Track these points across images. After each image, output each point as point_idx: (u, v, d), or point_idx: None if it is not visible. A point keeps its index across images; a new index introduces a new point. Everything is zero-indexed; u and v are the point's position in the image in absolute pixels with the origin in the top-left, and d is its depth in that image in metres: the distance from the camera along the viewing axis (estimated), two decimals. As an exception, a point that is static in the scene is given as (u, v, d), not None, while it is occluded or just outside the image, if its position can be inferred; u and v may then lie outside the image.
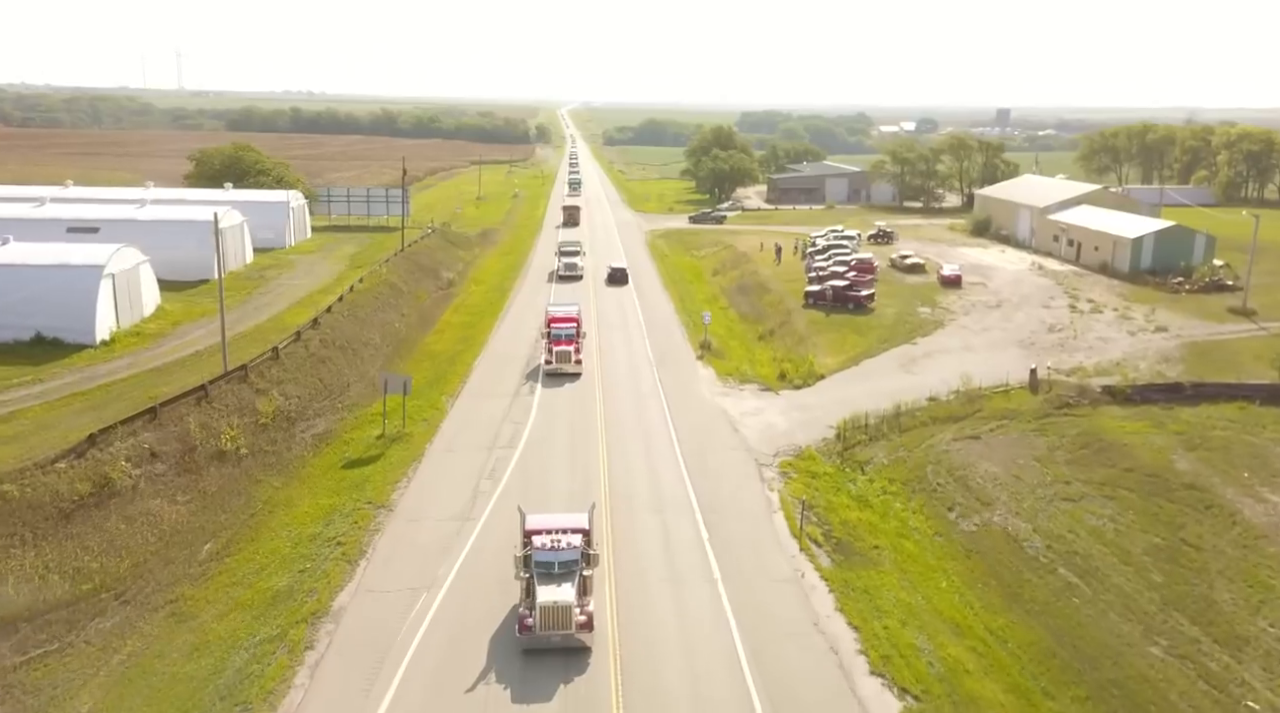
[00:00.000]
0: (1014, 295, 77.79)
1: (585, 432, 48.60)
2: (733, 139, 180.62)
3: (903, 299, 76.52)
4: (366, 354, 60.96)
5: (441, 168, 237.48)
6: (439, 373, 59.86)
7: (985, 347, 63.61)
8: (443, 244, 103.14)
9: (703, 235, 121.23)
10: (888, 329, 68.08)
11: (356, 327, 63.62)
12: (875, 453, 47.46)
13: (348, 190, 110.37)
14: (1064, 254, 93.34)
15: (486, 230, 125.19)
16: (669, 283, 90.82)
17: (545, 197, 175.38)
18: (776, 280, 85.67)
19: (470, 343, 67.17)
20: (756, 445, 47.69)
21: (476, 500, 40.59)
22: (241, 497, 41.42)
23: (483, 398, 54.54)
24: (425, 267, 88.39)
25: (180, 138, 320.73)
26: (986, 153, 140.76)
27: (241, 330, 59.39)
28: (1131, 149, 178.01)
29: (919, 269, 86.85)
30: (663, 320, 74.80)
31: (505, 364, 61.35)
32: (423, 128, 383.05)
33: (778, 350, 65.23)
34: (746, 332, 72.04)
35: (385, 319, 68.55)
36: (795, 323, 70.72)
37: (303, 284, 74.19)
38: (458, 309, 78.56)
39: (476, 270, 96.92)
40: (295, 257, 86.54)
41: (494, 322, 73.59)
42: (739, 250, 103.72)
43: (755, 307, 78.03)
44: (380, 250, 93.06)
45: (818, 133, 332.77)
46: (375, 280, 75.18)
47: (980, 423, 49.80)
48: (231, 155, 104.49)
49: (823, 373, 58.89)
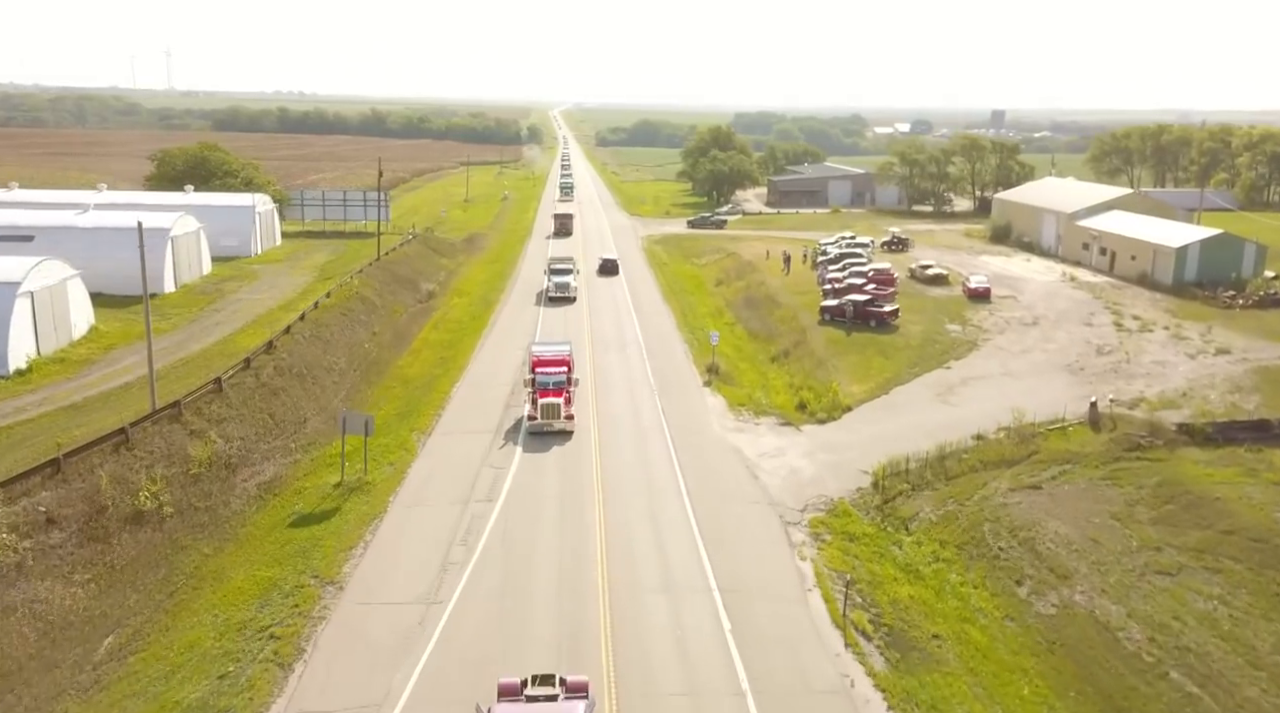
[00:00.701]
0: (1050, 311, 70.69)
1: (577, 481, 41.33)
2: (731, 139, 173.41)
3: (928, 315, 69.39)
4: (329, 382, 53.56)
5: (429, 169, 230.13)
6: (411, 403, 52.55)
7: (1028, 372, 56.50)
8: (424, 251, 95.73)
9: (702, 241, 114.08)
10: (916, 351, 60.93)
11: (319, 349, 56.23)
12: (920, 506, 40.26)
13: (323, 193, 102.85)
14: (1096, 264, 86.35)
15: (473, 236, 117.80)
16: (669, 295, 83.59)
17: (536, 199, 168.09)
18: (787, 292, 78.49)
19: (449, 365, 59.85)
20: (780, 497, 40.47)
21: (445, 576, 33.28)
22: (160, 570, 34.08)
23: (460, 435, 47.21)
24: (403, 277, 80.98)
25: (164, 138, 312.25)
26: (1000, 154, 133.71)
27: (185, 356, 51.97)
28: (1145, 151, 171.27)
29: (942, 280, 79.73)
30: (664, 338, 67.56)
31: (487, 391, 54.06)
32: (412, 128, 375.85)
33: (794, 375, 58.05)
34: (757, 352, 64.84)
35: (354, 339, 61.16)
36: (812, 342, 63.53)
37: (263, 299, 66.72)
38: (437, 325, 71.19)
39: (460, 280, 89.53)
40: (260, 266, 79.03)
41: (476, 340, 66.26)
42: (743, 258, 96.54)
43: (765, 323, 70.82)
44: (355, 259, 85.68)
45: (813, 134, 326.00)
46: (345, 294, 67.80)
47: (1038, 468, 42.67)
48: (196, 156, 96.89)
49: (849, 404, 51.67)
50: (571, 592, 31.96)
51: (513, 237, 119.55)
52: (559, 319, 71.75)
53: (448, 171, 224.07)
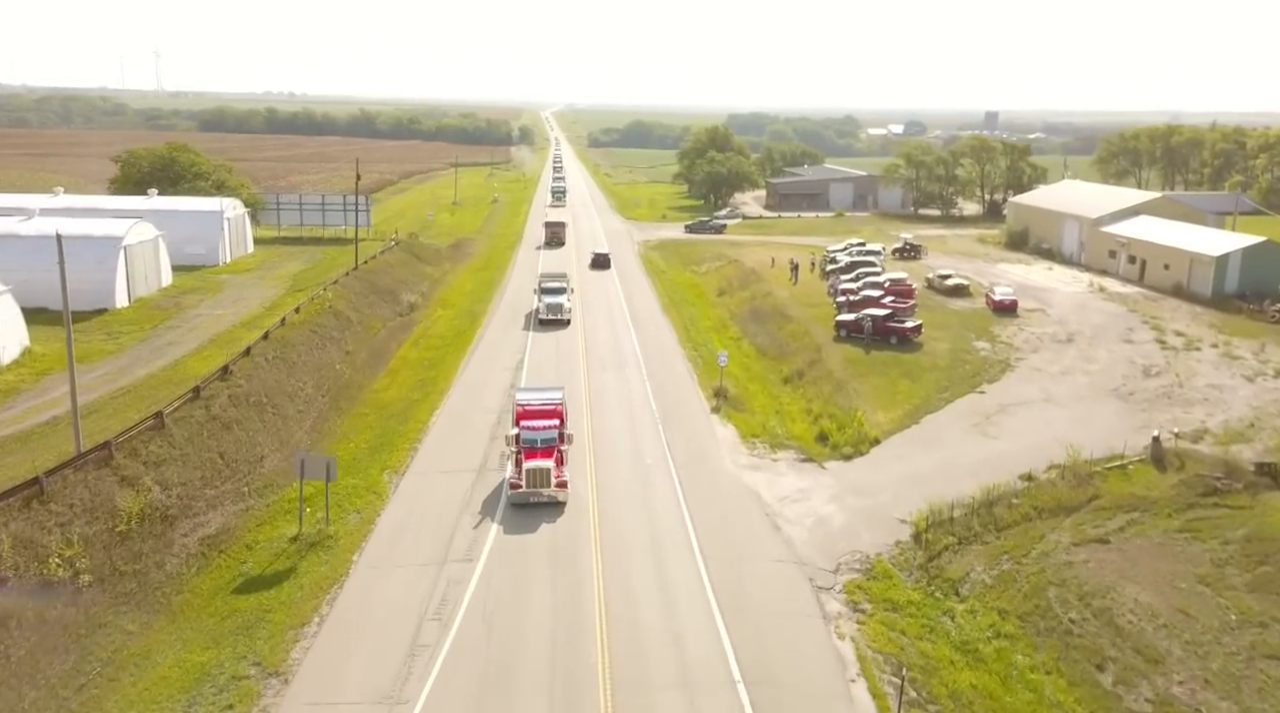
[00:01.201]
0: (1084, 326, 65.22)
1: (571, 535, 35.65)
2: (729, 140, 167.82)
3: (952, 331, 63.89)
4: (293, 411, 47.77)
5: (418, 170, 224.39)
6: (385, 435, 46.79)
7: (1072, 397, 51.00)
8: (407, 259, 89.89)
9: (702, 247, 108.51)
10: (944, 372, 55.38)
11: (283, 373, 50.42)
12: (971, 564, 34.65)
13: (300, 197, 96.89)
14: (1124, 273, 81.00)
15: (460, 241, 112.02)
16: (669, 306, 77.96)
17: (527, 202, 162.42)
18: (796, 304, 72.92)
19: (429, 389, 54.12)
20: (808, 554, 34.84)
21: (414, 664, 27.59)
22: (69, 656, 28.28)
23: (437, 476, 41.48)
24: (382, 288, 75.15)
25: (148, 138, 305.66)
26: (1011, 156, 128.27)
27: (128, 383, 46.09)
28: (1155, 152, 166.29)
29: (963, 292, 74.23)
30: (665, 355, 61.93)
31: (470, 421, 48.36)
32: (402, 129, 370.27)
33: (811, 399, 52.46)
34: (768, 372, 59.22)
35: (324, 359, 55.37)
36: (828, 361, 57.94)
37: (226, 314, 60.83)
38: (418, 341, 65.41)
39: (445, 290, 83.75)
40: (227, 276, 73.11)
41: (460, 358, 60.53)
42: (746, 266, 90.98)
43: (775, 339, 65.20)
44: (332, 267, 79.87)
45: (806, 135, 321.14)
46: (317, 308, 61.98)
47: (1102, 517, 37.13)
48: (164, 157, 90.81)
49: (876, 435, 46.05)
50: (566, 688, 26.30)
51: (502, 242, 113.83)
52: (550, 335, 66.04)
53: (437, 173, 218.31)
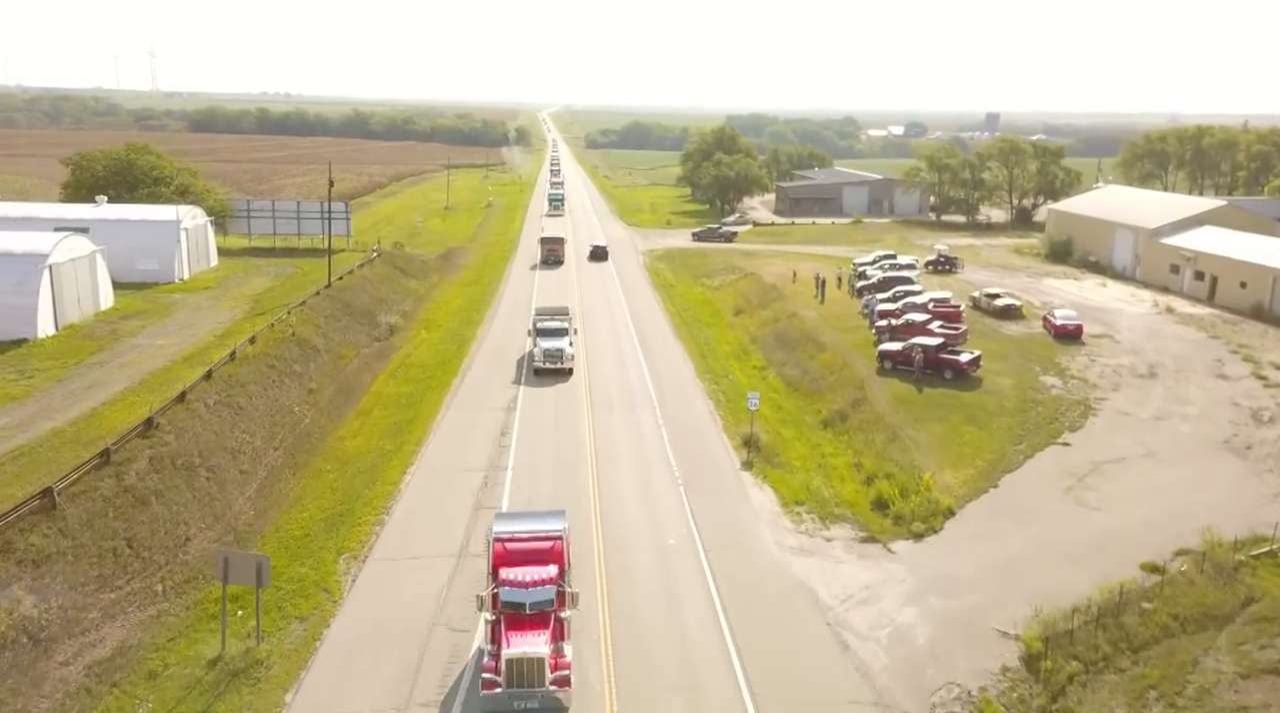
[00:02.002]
0: (1163, 356, 56.72)
1: (577, 665, 27.01)
2: (736, 142, 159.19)
3: (1011, 362, 55.37)
4: (234, 472, 39.15)
5: (410, 173, 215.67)
6: (347, 500, 38.20)
7: (1177, 451, 42.49)
8: (389, 273, 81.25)
9: (712, 257, 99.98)
10: (1015, 416, 46.84)
11: (227, 421, 41.83)
12: (1110, 708, 26.04)
13: (273, 204, 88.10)
14: (1189, 290, 72.57)
15: (450, 250, 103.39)
16: (681, 327, 69.42)
17: (523, 206, 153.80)
18: (827, 327, 64.41)
19: (404, 436, 45.53)
20: (890, 690, 26.26)
21: None
22: None
23: (406, 565, 32.89)
24: (358, 308, 66.50)
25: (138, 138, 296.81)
26: (1042, 159, 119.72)
27: (23, 442, 37.32)
28: (1184, 154, 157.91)
29: (1015, 313, 65.67)
30: (681, 390, 53.41)
31: (451, 482, 39.83)
32: (396, 129, 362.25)
33: (860, 451, 43.95)
34: (802, 411, 50.70)
35: (280, 401, 46.76)
36: (874, 401, 49.41)
37: (169, 345, 52.10)
38: (396, 373, 56.79)
39: (430, 308, 75.11)
40: (181, 296, 64.38)
41: (444, 395, 51.98)
42: (764, 280, 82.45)
43: (807, 370, 56.65)
44: (303, 283, 71.25)
45: (806, 136, 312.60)
46: (277, 336, 53.40)
47: (1268, 632, 28.57)
48: (121, 159, 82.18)
49: (948, 504, 37.48)
50: None
51: (496, 251, 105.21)
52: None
53: (430, 175, 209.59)
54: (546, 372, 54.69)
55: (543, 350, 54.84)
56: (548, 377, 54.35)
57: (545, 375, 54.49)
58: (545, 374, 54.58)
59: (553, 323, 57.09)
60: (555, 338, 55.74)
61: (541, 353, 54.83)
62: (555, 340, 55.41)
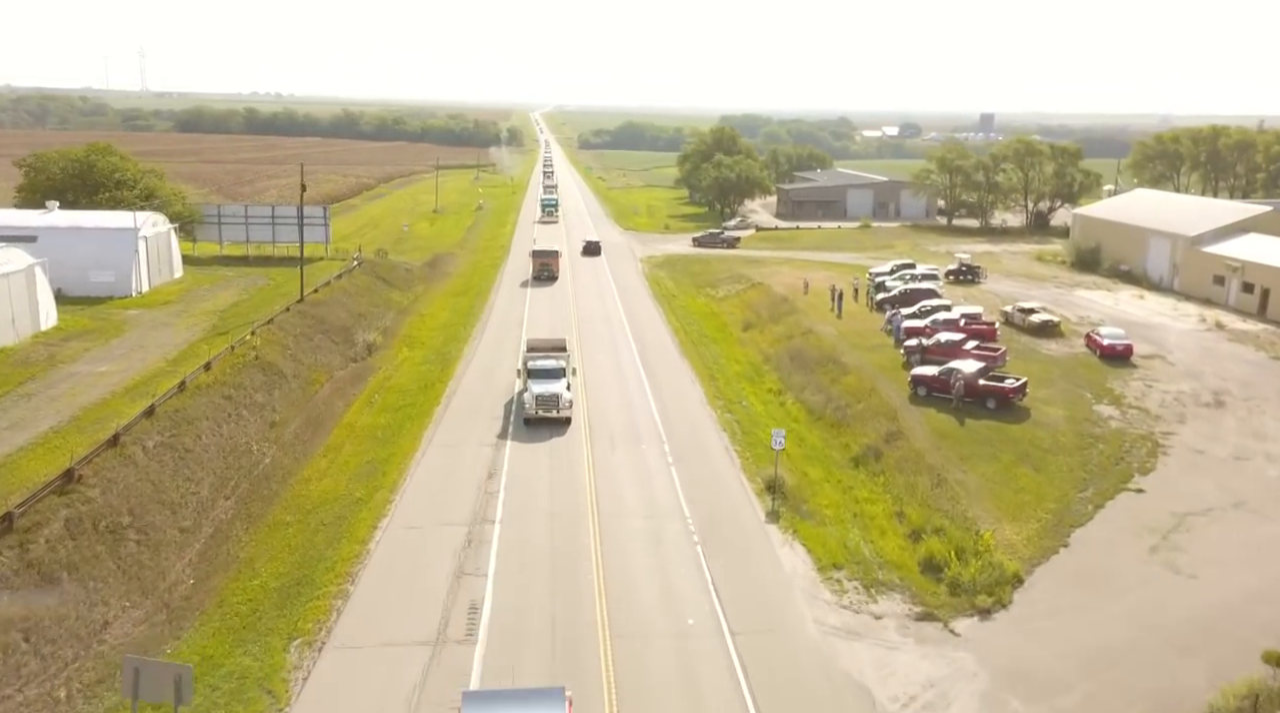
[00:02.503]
0: (1226, 380, 51.15)
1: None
2: (736, 142, 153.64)
3: (1057, 387, 49.77)
4: (173, 532, 33.31)
5: (399, 174, 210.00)
6: (305, 564, 32.43)
7: (1267, 498, 36.96)
8: (370, 283, 75.40)
9: (715, 265, 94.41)
10: (1073, 455, 41.23)
11: (169, 468, 36.01)
12: None
13: (245, 209, 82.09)
14: (1235, 303, 67.12)
15: (438, 256, 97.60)
16: (686, 344, 63.76)
17: (515, 209, 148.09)
18: (847, 346, 58.80)
19: (378, 478, 39.77)
20: None
21: None
22: None
23: (373, 653, 27.08)
24: (333, 325, 60.65)
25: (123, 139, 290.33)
26: (1059, 161, 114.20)
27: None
28: (1199, 156, 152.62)
29: (1053, 331, 60.06)
30: (692, 421, 47.70)
31: (428, 541, 34.07)
32: (386, 130, 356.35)
33: (899, 494, 38.37)
34: (828, 446, 45.04)
35: (236, 439, 40.92)
36: (910, 434, 43.78)
37: (112, 372, 46.13)
38: (372, 399, 50.97)
39: (414, 322, 69.28)
40: (136, 313, 58.40)
41: (425, 425, 46.21)
42: (773, 291, 76.86)
43: (829, 395, 50.95)
44: (275, 296, 65.40)
45: (801, 137, 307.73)
46: (238, 361, 47.58)
47: None
48: (80, 161, 76.14)
49: (1015, 569, 31.80)
50: None
51: (486, 258, 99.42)
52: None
53: (420, 177, 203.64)
54: (540, 421, 45.07)
55: (535, 395, 44.68)
56: (542, 426, 45.09)
57: (538, 425, 45.08)
58: (538, 423, 45.13)
59: (547, 362, 47.39)
60: (550, 380, 45.80)
61: (534, 398, 44.64)
62: (550, 383, 45.49)
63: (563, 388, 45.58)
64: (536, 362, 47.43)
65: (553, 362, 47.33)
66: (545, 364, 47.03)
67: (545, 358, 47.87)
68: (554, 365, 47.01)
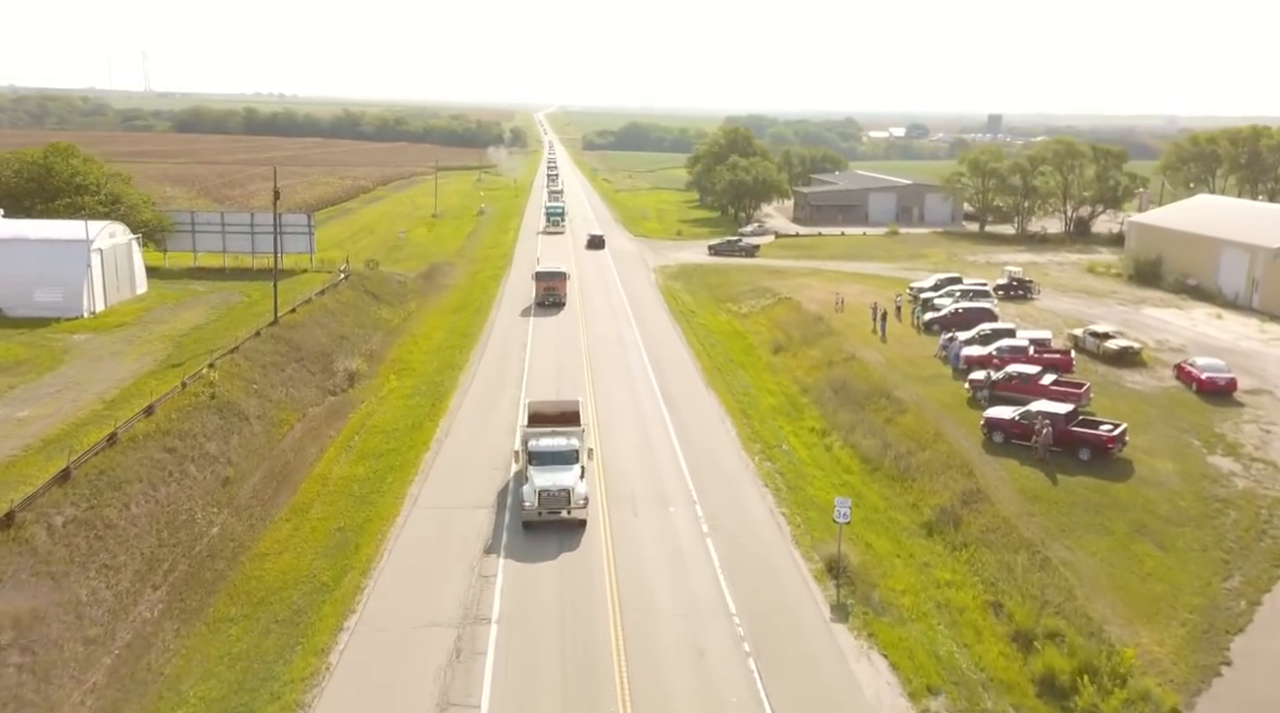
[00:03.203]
0: (1354, 422, 43.55)
1: None
2: (751, 143, 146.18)
3: (1158, 433, 42.21)
4: (73, 645, 25.88)
5: (399, 175, 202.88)
6: (246, 687, 25.09)
7: None
8: (357, 299, 68.01)
9: (734, 276, 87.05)
10: (1200, 525, 33.73)
11: (79, 553, 28.60)
12: None
13: (222, 216, 74.62)
14: (1333, 325, 59.52)
15: (434, 266, 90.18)
16: (711, 370, 56.36)
17: (518, 213, 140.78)
18: (898, 375, 51.34)
19: (351, 553, 32.42)
20: None
21: None
22: None
23: None
24: (311, 351, 53.26)
25: (122, 139, 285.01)
26: (1102, 163, 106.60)
27: None
28: (1240, 157, 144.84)
29: (1133, 358, 52.45)
30: (725, 472, 40.31)
31: (410, 649, 26.64)
32: (388, 130, 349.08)
33: (992, 577, 30.97)
34: (891, 505, 37.61)
35: (176, 503, 33.52)
36: (991, 493, 36.35)
37: (33, 418, 38.58)
38: (350, 443, 43.54)
39: (404, 344, 61.89)
40: (84, 337, 50.95)
41: (411, 479, 38.83)
42: (804, 307, 69.41)
43: (885, 440, 43.46)
44: (248, 316, 57.99)
45: (807, 138, 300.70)
46: (189, 401, 40.16)
47: None
48: (38, 163, 68.81)
49: (1172, 703, 24.32)
50: None
51: (486, 269, 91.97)
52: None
53: (420, 178, 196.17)
54: (542, 524, 33.45)
55: (539, 491, 33.02)
56: (544, 529, 33.70)
57: (538, 528, 33.54)
58: (538, 526, 33.53)
59: (555, 442, 35.45)
60: (558, 468, 34.21)
61: (536, 495, 32.97)
62: (558, 472, 33.89)
63: (575, 479, 33.90)
64: (540, 442, 35.65)
65: (562, 442, 35.54)
66: (552, 445, 35.34)
67: (552, 435, 36.03)
68: (564, 446, 35.37)
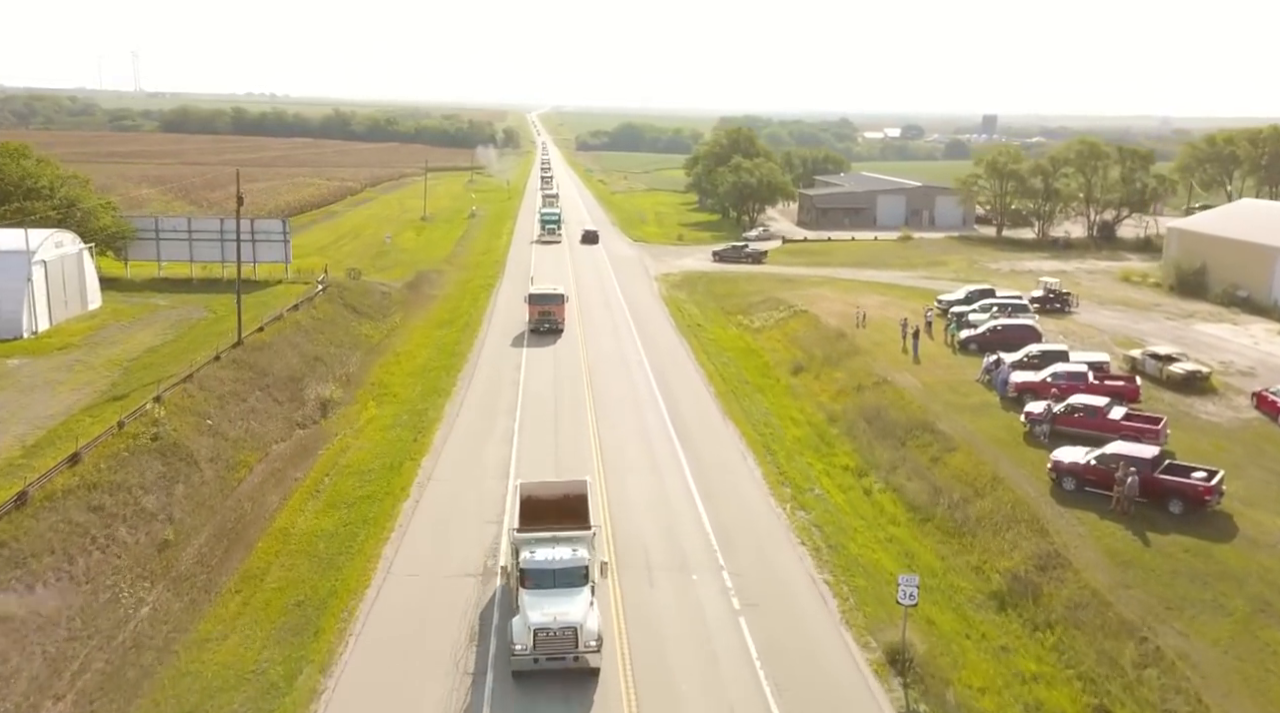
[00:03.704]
0: None
1: None
2: (754, 144, 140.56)
3: (1252, 478, 36.57)
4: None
5: (389, 176, 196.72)
6: None
7: None
8: (335, 314, 62.10)
9: (743, 284, 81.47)
10: (1335, 603, 28.05)
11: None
12: None
13: (189, 222, 68.57)
14: None
15: (421, 275, 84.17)
16: (725, 394, 50.71)
17: (511, 216, 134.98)
18: (938, 402, 45.67)
19: (309, 638, 26.69)
20: None
21: None
22: None
23: None
24: (278, 376, 47.37)
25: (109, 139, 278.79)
26: (1127, 164, 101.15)
27: None
28: (1260, 158, 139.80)
29: (1201, 384, 46.71)
30: (756, 528, 34.59)
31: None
32: (379, 130, 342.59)
33: (1088, 669, 25.41)
34: (949, 567, 31.98)
35: (94, 582, 27.69)
36: (1072, 557, 30.71)
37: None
38: (318, 488, 37.68)
39: (385, 364, 56.02)
40: (16, 364, 44.88)
41: (387, 534, 33.07)
42: (822, 321, 63.75)
43: (931, 480, 37.87)
44: (210, 335, 52.05)
45: (803, 139, 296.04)
46: (126, 446, 34.28)
47: None
48: (-11, 165, 62.84)
49: None
50: None
51: (477, 277, 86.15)
52: (547, 466, 38.08)
53: (410, 179, 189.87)
54: (541, 673, 24.50)
55: (534, 629, 23.96)
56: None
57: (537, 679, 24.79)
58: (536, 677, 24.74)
59: (557, 553, 25.68)
60: (561, 594, 24.90)
61: (531, 634, 23.96)
62: (561, 599, 24.68)
63: (584, 608, 24.57)
64: (537, 555, 25.64)
65: (566, 553, 25.65)
66: (554, 557, 25.59)
67: (552, 543, 26.03)
68: (568, 560, 25.54)
